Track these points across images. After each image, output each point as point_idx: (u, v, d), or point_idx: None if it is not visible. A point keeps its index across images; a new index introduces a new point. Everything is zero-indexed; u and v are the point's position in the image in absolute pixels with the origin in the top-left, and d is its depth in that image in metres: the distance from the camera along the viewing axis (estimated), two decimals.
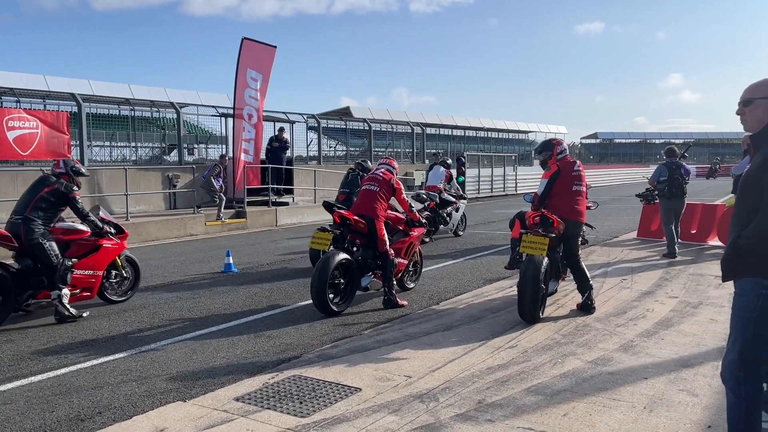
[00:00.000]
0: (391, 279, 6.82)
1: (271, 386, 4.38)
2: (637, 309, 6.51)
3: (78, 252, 6.73)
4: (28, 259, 6.37)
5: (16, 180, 13.18)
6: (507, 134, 49.21)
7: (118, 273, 7.24)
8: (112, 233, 7.05)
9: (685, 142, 30.05)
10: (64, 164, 6.79)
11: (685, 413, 3.86)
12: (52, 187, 6.50)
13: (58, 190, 6.51)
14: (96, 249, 6.89)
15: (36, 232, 6.30)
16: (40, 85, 23.51)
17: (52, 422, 3.88)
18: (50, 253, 6.32)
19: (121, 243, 7.23)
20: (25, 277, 6.33)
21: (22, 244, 6.31)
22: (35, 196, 6.45)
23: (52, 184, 6.54)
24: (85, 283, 6.76)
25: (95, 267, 6.85)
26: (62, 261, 6.40)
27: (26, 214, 6.34)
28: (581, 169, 6.52)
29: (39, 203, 6.41)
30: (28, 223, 6.29)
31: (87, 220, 6.76)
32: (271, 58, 17.10)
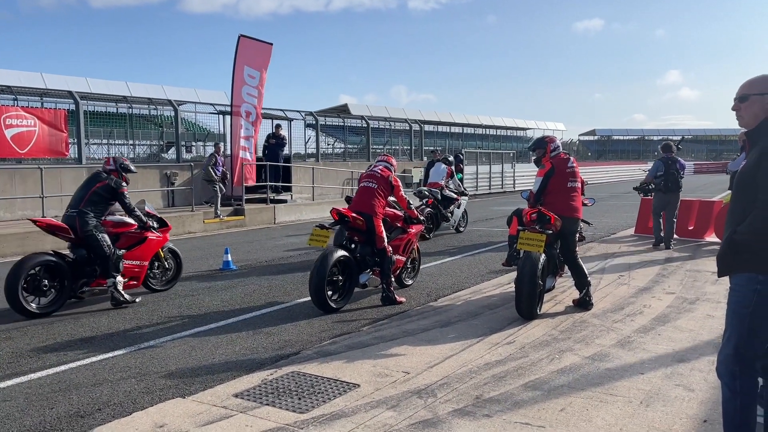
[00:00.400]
0: (390, 276, 6.84)
1: (269, 382, 4.40)
2: (635, 305, 6.54)
3: (126, 243, 7.19)
4: (82, 250, 6.80)
5: (14, 178, 13.18)
6: (505, 131, 49.22)
7: (160, 264, 7.69)
8: (155, 227, 7.51)
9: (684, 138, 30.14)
10: (114, 161, 7.24)
11: (681, 408, 3.89)
12: (103, 183, 6.94)
13: (109, 185, 6.94)
14: (142, 241, 7.34)
15: (90, 224, 6.74)
16: (38, 83, 23.47)
17: (52, 419, 3.90)
18: (103, 244, 6.75)
19: (164, 236, 7.67)
20: (80, 266, 6.78)
21: (77, 235, 6.75)
22: (88, 191, 6.90)
23: (103, 180, 6.98)
24: (132, 273, 7.20)
25: (141, 258, 7.30)
26: (113, 251, 6.85)
27: (80, 207, 6.79)
28: (575, 166, 6.54)
29: (92, 197, 6.86)
30: (83, 215, 6.74)
31: (133, 215, 7.20)
32: (267, 55, 17.09)
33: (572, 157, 6.68)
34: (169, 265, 7.81)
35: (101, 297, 7.19)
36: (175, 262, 7.92)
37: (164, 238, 7.65)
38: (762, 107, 2.99)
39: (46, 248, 10.95)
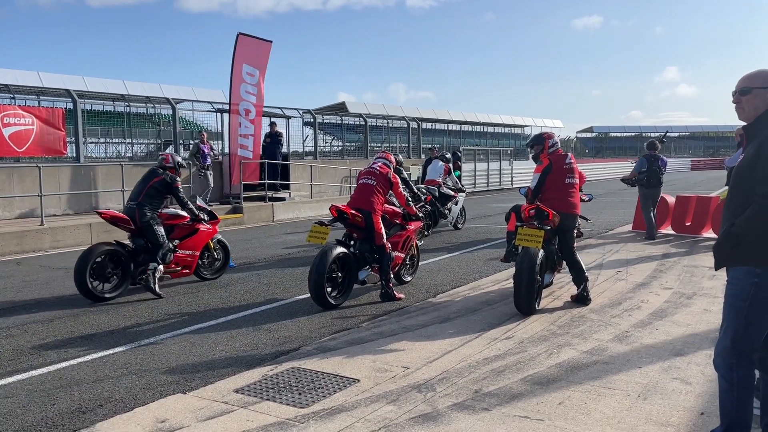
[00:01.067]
0: (389, 272, 6.86)
1: (270, 378, 4.43)
2: (632, 300, 6.57)
3: (179, 235, 7.73)
4: (141, 239, 7.36)
5: (12, 177, 13.17)
6: (503, 128, 49.25)
7: (210, 254, 8.18)
8: (205, 219, 8.00)
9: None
10: (172, 159, 7.80)
11: (678, 401, 3.92)
12: (160, 178, 7.49)
13: (164, 180, 7.50)
14: (194, 232, 7.85)
15: (147, 215, 7.29)
16: (35, 81, 23.44)
17: (54, 415, 3.92)
18: (158, 233, 7.31)
19: (214, 228, 8.14)
20: (139, 254, 7.34)
21: (136, 225, 7.30)
22: (146, 186, 7.45)
23: (159, 175, 7.53)
24: (185, 262, 7.73)
25: (193, 248, 7.81)
26: (166, 242, 7.38)
27: (139, 200, 7.35)
28: (573, 162, 6.56)
29: (149, 191, 7.40)
30: (141, 208, 7.29)
31: (186, 207, 7.74)
32: (266, 53, 17.09)
33: (570, 154, 6.71)
34: (218, 255, 8.31)
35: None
36: (224, 252, 8.39)
37: (214, 230, 8.13)
38: (764, 100, 3.00)
39: (44, 246, 11.00)
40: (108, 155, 24.06)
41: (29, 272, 8.96)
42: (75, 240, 11.58)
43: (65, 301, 7.06)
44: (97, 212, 7.82)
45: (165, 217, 7.60)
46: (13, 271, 9.12)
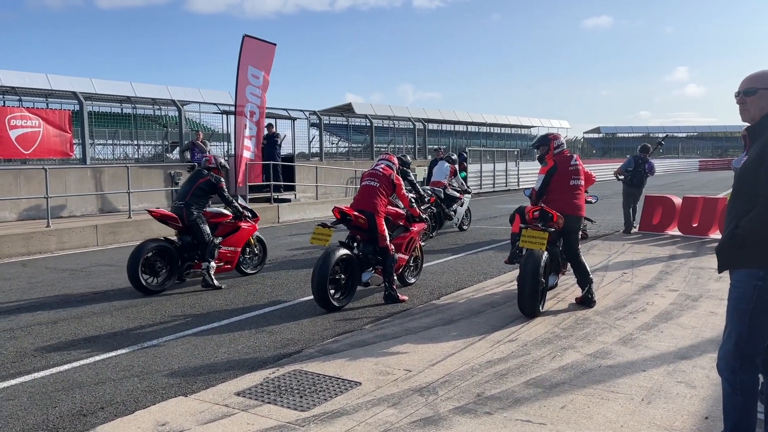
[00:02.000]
0: (392, 274, 6.84)
1: (271, 381, 4.41)
2: (637, 302, 6.53)
3: (222, 232, 8.12)
4: (187, 236, 7.80)
5: (18, 178, 13.24)
6: (509, 129, 49.09)
7: (251, 250, 8.64)
8: (249, 217, 8.39)
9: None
10: (215, 160, 8.25)
11: (682, 405, 3.88)
12: (206, 179, 7.96)
13: (210, 181, 7.96)
14: (236, 230, 8.24)
15: (194, 214, 7.74)
16: (43, 83, 23.54)
17: (55, 417, 3.92)
18: (204, 231, 7.74)
19: (254, 225, 8.52)
20: (185, 250, 7.78)
21: (184, 223, 7.75)
22: (193, 186, 7.91)
23: (205, 176, 8.00)
24: (227, 258, 8.13)
25: (235, 244, 8.23)
26: (212, 239, 7.80)
27: (187, 200, 7.79)
28: (579, 163, 6.52)
29: (196, 191, 7.85)
30: (189, 207, 7.75)
31: (231, 206, 8.21)
32: (271, 55, 17.11)
33: (576, 155, 6.67)
34: (258, 251, 8.75)
35: (112, 296, 7.22)
36: (263, 249, 8.83)
37: (254, 228, 8.51)
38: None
39: (50, 248, 11.04)
40: (115, 157, 24.15)
41: (35, 274, 8.99)
42: (81, 242, 11.62)
43: (70, 303, 7.08)
44: (147, 210, 8.26)
45: (209, 215, 8.02)
46: (19, 272, 9.15)
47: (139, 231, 12.70)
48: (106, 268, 9.34)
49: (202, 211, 7.89)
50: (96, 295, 7.51)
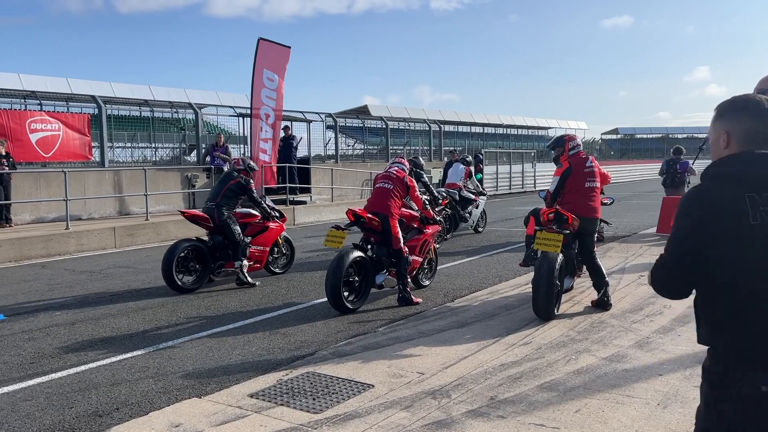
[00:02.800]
0: (406, 276, 6.84)
1: (285, 383, 4.43)
2: (654, 305, 6.45)
3: (251, 232, 8.33)
4: (219, 236, 8.02)
5: (38, 181, 13.43)
6: (526, 130, 48.88)
7: (279, 250, 8.86)
8: (276, 217, 8.61)
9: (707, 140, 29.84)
10: (243, 162, 8.52)
11: None
12: (236, 181, 8.17)
13: (240, 182, 8.16)
14: (264, 230, 8.45)
15: (225, 214, 7.95)
16: (63, 87, 23.90)
17: (71, 418, 3.97)
18: (235, 232, 7.93)
19: (281, 225, 8.74)
20: (217, 250, 8.01)
21: (215, 224, 7.96)
22: (223, 188, 8.12)
23: (235, 178, 8.22)
24: (257, 257, 8.33)
25: (264, 244, 8.43)
26: (242, 238, 8.00)
27: (218, 201, 7.99)
28: (594, 165, 6.46)
29: (226, 193, 8.06)
30: (220, 207, 7.96)
31: (261, 206, 8.42)
32: (286, 58, 17.19)
33: (591, 157, 6.61)
34: (285, 251, 8.98)
35: (128, 298, 7.30)
36: (290, 249, 9.05)
37: (281, 228, 8.73)
38: None
39: (69, 250, 11.18)
40: (134, 159, 24.41)
41: (54, 275, 9.11)
42: (99, 244, 11.76)
43: (87, 304, 7.16)
44: (180, 211, 8.64)
45: (239, 215, 8.22)
46: (38, 274, 9.28)
47: (157, 233, 12.82)
48: (124, 270, 9.44)
49: (233, 211, 8.11)
50: (113, 296, 7.59)
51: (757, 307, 1.81)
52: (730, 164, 1.87)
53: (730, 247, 1.81)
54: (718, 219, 1.82)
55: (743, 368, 1.84)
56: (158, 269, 8.81)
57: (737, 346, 1.86)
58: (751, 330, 1.83)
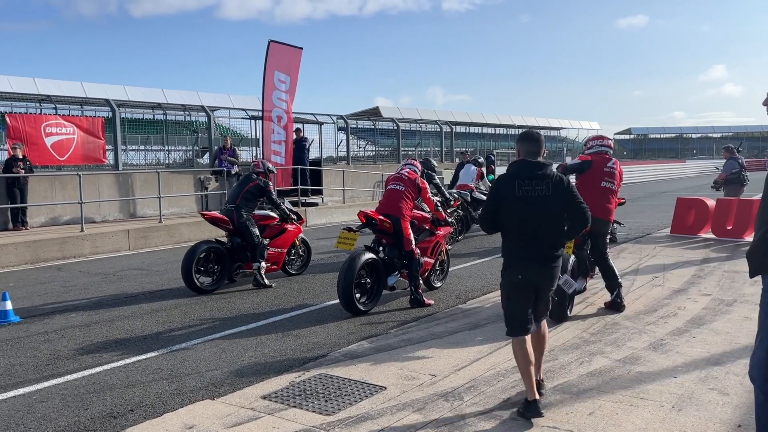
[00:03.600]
0: (418, 278, 6.83)
1: (297, 385, 4.44)
2: (669, 307, 6.40)
3: (269, 234, 8.42)
4: (237, 238, 8.11)
5: (54, 184, 13.57)
6: (538, 131, 48.66)
7: (296, 251, 8.98)
8: (294, 219, 8.69)
9: (723, 137, 29.48)
10: (263, 165, 8.64)
11: (714, 412, 3.79)
12: (255, 183, 8.26)
13: (259, 185, 8.25)
14: (282, 232, 8.55)
15: (244, 216, 8.03)
16: (78, 91, 24.11)
17: (86, 420, 4.00)
18: (253, 233, 8.02)
19: (299, 228, 8.84)
20: (236, 252, 8.09)
21: (234, 226, 8.03)
22: (243, 190, 8.20)
23: (254, 180, 8.30)
24: (274, 259, 8.41)
25: (282, 246, 8.53)
26: (261, 240, 8.09)
27: (237, 203, 8.08)
28: (616, 167, 6.43)
29: (245, 195, 8.14)
30: (239, 209, 8.04)
31: (279, 208, 8.49)
32: (297, 59, 17.25)
33: (615, 160, 6.57)
34: (302, 252, 9.07)
35: (142, 298, 7.35)
36: (307, 250, 9.14)
37: (299, 230, 8.83)
38: None
39: (84, 252, 11.29)
40: (147, 162, 24.59)
41: (69, 278, 9.20)
42: (113, 246, 11.86)
43: (102, 306, 7.22)
44: (200, 213, 8.80)
45: (257, 218, 8.29)
46: (54, 276, 9.38)
47: (170, 236, 12.91)
48: (138, 272, 9.51)
49: (252, 213, 8.18)
50: (127, 298, 7.65)
51: (513, 234, 3.93)
52: (512, 166, 4.02)
53: (506, 207, 3.91)
54: (503, 194, 3.93)
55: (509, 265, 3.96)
56: (172, 271, 8.90)
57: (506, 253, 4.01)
58: (509, 246, 3.98)
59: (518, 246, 3.91)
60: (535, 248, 3.87)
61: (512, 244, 3.95)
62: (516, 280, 3.89)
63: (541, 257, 3.88)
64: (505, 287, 3.97)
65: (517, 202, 3.85)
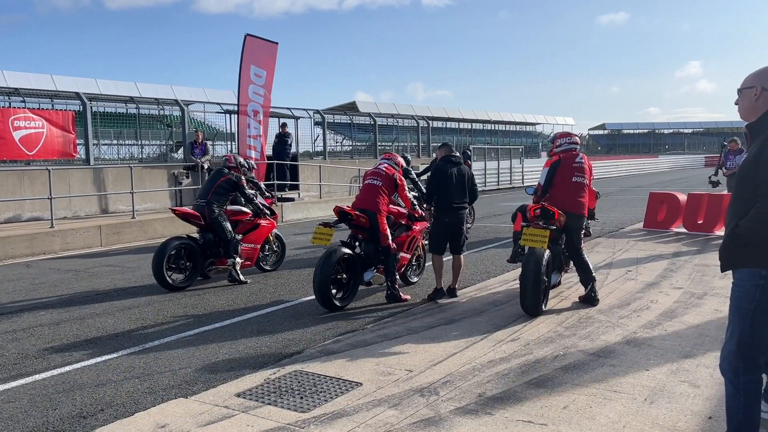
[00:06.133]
0: (394, 273, 6.82)
1: (272, 381, 4.40)
2: (641, 300, 6.48)
3: (243, 229, 8.32)
4: (209, 234, 7.99)
5: (22, 179, 13.26)
6: (515, 126, 49.00)
7: (270, 247, 8.86)
8: (267, 214, 8.59)
9: (694, 132, 29.95)
10: (234, 159, 8.45)
11: (686, 404, 3.84)
12: (226, 177, 8.13)
13: (231, 179, 8.13)
14: (255, 227, 8.44)
15: (215, 212, 7.93)
16: (48, 84, 23.60)
17: (55, 420, 3.91)
18: (226, 228, 7.92)
19: (273, 223, 8.74)
20: (208, 248, 7.98)
21: (206, 221, 7.93)
22: (214, 184, 8.08)
23: (226, 174, 8.16)
24: (248, 254, 8.32)
25: (255, 241, 8.43)
26: (234, 236, 7.99)
27: (208, 198, 7.96)
28: (584, 161, 6.49)
29: (217, 190, 8.03)
30: (210, 205, 7.94)
31: (253, 203, 8.39)
32: (273, 54, 17.07)
33: (582, 154, 6.64)
34: (276, 248, 8.99)
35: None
36: (281, 245, 9.07)
37: (272, 225, 8.74)
38: (765, 100, 2.94)
39: (54, 249, 11.06)
40: (121, 157, 24.18)
41: (38, 275, 9.01)
42: (85, 242, 11.64)
43: (73, 304, 7.08)
44: (171, 209, 8.59)
45: (230, 213, 8.20)
46: (22, 273, 9.17)
47: (143, 231, 12.72)
48: (109, 269, 9.35)
49: (223, 208, 8.09)
50: (99, 295, 7.52)
51: (442, 200, 6.85)
52: (442, 159, 7.07)
53: (442, 183, 6.83)
54: (442, 173, 6.86)
55: (439, 213, 6.91)
56: (145, 268, 8.76)
57: (437, 208, 6.95)
58: (438, 202, 6.90)
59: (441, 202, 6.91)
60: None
61: (438, 200, 6.93)
62: (443, 221, 6.87)
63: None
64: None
65: (449, 179, 6.90)
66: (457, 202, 6.84)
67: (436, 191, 6.90)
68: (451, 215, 6.81)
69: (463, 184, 6.88)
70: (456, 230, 6.93)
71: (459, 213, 6.87)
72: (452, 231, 6.91)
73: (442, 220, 6.84)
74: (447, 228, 6.86)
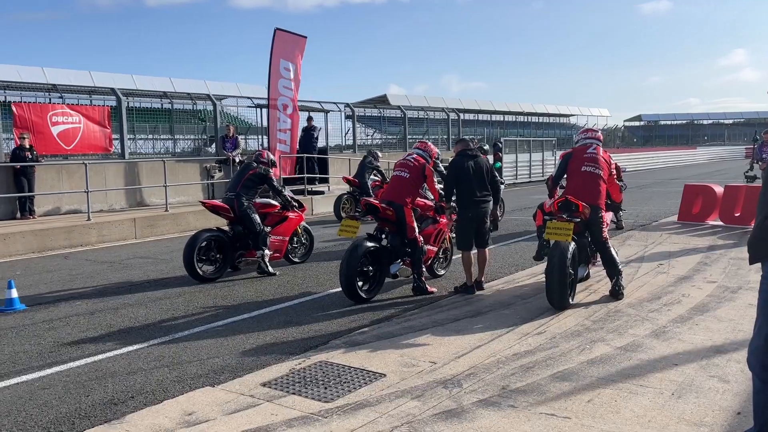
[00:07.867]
0: (421, 266, 6.82)
1: (297, 372, 4.45)
2: (673, 294, 6.36)
3: (271, 222, 8.41)
4: (239, 226, 8.11)
5: (61, 173, 13.63)
6: (548, 118, 48.34)
7: (298, 239, 8.96)
8: (296, 207, 8.68)
9: (735, 123, 29.04)
10: (267, 155, 8.66)
11: (714, 400, 3.77)
12: (255, 171, 8.30)
13: (259, 172, 8.30)
14: (283, 219, 8.54)
15: (245, 204, 8.04)
16: (86, 81, 24.16)
17: (87, 406, 4.03)
18: (255, 221, 8.01)
19: (301, 215, 8.82)
20: (237, 240, 8.11)
21: (235, 214, 8.04)
22: (243, 178, 8.23)
23: (254, 168, 8.34)
24: (276, 247, 8.41)
25: (284, 233, 8.52)
26: (262, 228, 8.07)
27: (237, 191, 8.09)
28: (597, 152, 6.44)
29: (246, 183, 8.16)
30: (240, 197, 8.05)
31: (281, 195, 8.52)
32: (302, 48, 17.17)
33: (597, 145, 6.55)
34: (305, 240, 9.07)
35: (151, 290, 7.39)
36: (309, 238, 9.14)
37: (301, 217, 8.81)
38: None
39: (90, 241, 11.36)
40: (156, 151, 24.63)
41: (75, 266, 9.27)
42: (120, 235, 11.92)
43: (107, 294, 7.27)
44: (200, 201, 8.84)
45: (258, 205, 8.28)
46: (60, 264, 9.45)
47: (176, 224, 12.96)
48: (143, 261, 9.56)
49: (252, 201, 8.18)
50: (132, 286, 7.70)
51: (461, 194, 6.83)
52: (458, 154, 7.01)
53: (460, 178, 6.82)
54: (458, 168, 6.85)
55: (462, 209, 6.85)
56: (177, 260, 8.93)
57: (459, 204, 6.90)
58: (459, 197, 6.88)
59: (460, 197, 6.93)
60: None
61: (458, 195, 6.96)
62: (467, 215, 6.82)
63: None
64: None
65: (466, 172, 6.89)
66: (478, 195, 6.75)
67: (455, 186, 6.86)
68: (473, 209, 6.73)
69: (482, 177, 6.78)
70: (480, 223, 6.86)
71: (482, 206, 6.78)
72: (477, 225, 6.83)
73: (466, 215, 6.76)
74: (472, 222, 6.78)
